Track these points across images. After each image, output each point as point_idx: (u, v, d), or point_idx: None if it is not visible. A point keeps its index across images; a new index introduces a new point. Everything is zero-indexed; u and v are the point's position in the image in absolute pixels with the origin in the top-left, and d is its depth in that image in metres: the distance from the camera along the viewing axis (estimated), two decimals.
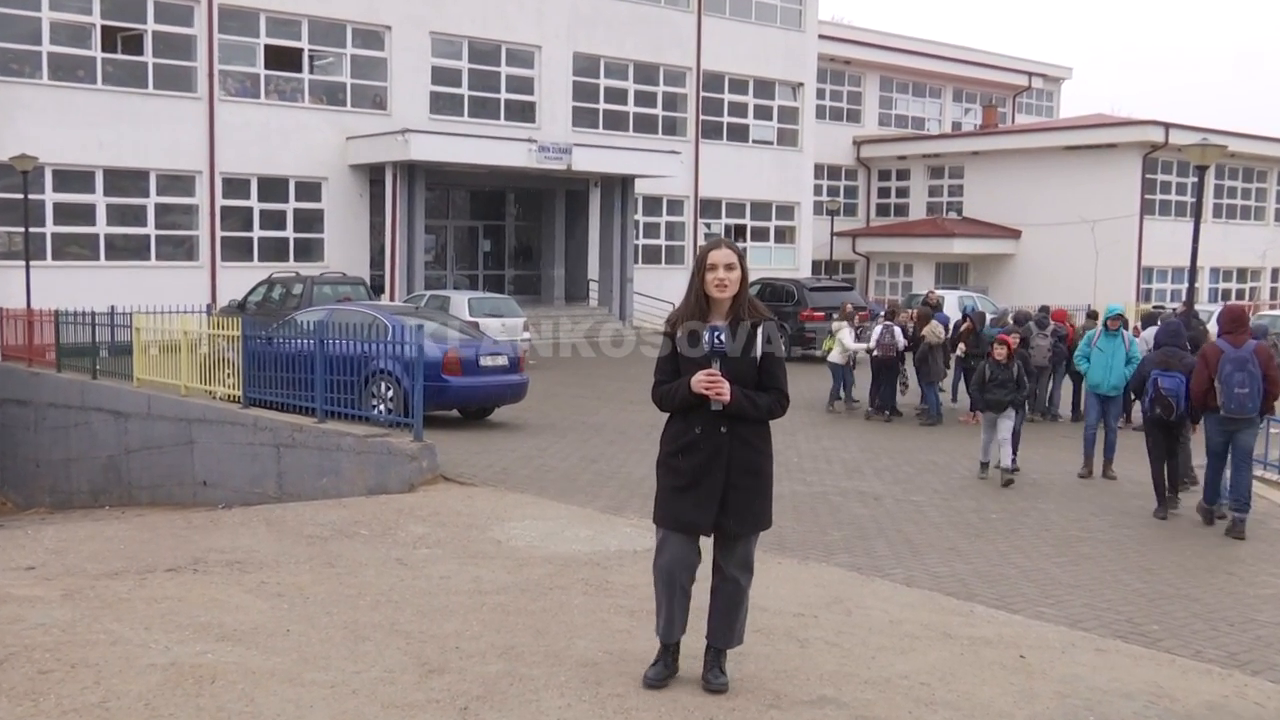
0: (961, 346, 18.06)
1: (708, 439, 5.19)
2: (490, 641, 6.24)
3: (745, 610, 5.44)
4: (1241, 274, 44.97)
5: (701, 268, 5.22)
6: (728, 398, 5.11)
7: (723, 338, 5.11)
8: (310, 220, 29.69)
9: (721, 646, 5.46)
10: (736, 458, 5.22)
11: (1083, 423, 16.04)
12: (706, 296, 5.22)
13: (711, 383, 5.10)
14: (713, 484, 5.20)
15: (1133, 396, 12.91)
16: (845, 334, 18.51)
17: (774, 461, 5.41)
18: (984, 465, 13.08)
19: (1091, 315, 19.98)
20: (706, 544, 5.40)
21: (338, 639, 6.23)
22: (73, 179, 26.25)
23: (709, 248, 5.26)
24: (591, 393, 19.96)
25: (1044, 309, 21.77)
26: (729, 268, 5.19)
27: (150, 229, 27.37)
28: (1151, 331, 16.72)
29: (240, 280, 26.79)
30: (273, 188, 28.96)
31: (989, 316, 21.12)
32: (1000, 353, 12.94)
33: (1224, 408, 10.12)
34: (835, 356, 18.55)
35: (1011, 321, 18.54)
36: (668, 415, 5.38)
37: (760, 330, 5.23)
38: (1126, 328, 13.94)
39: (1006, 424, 12.69)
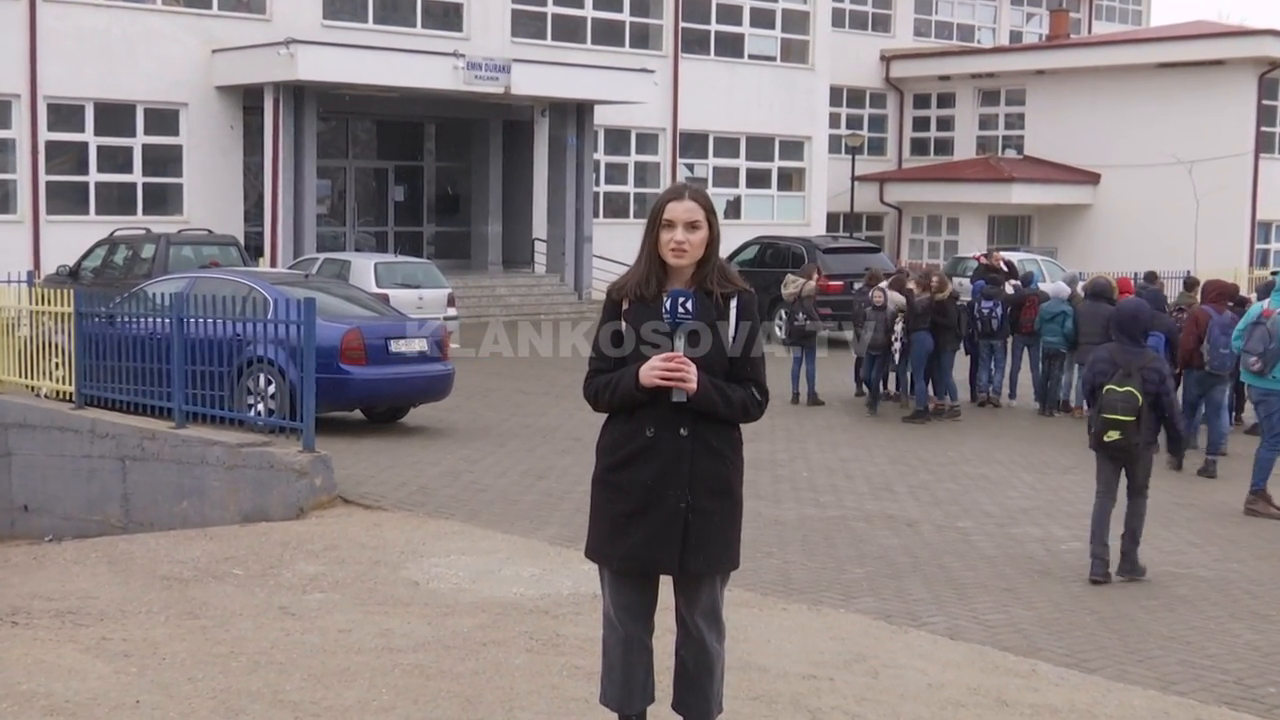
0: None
1: (663, 445, 5.13)
2: (404, 715, 6.23)
3: (720, 672, 5.40)
4: None
5: (655, 224, 5.17)
6: (693, 386, 5.05)
7: (689, 305, 5.05)
8: (165, 160, 29.48)
9: None
10: (701, 471, 5.16)
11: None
12: (662, 260, 5.18)
13: (672, 369, 5.04)
14: (670, 507, 5.14)
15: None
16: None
17: (745, 478, 5.37)
18: None
19: (1190, 285, 20.11)
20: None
21: (204, 712, 6.21)
22: None
23: (668, 197, 5.21)
24: (538, 387, 19.95)
25: (1150, 275, 21.93)
26: (691, 227, 5.13)
27: None
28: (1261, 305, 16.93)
29: (72, 239, 26.52)
30: (115, 116, 28.74)
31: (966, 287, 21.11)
32: None
33: (1209, 365, 14.84)
34: None
35: (1084, 294, 18.65)
36: (606, 416, 5.33)
37: (733, 306, 5.20)
38: None
39: None
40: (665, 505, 5.14)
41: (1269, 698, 7.28)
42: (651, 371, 5.04)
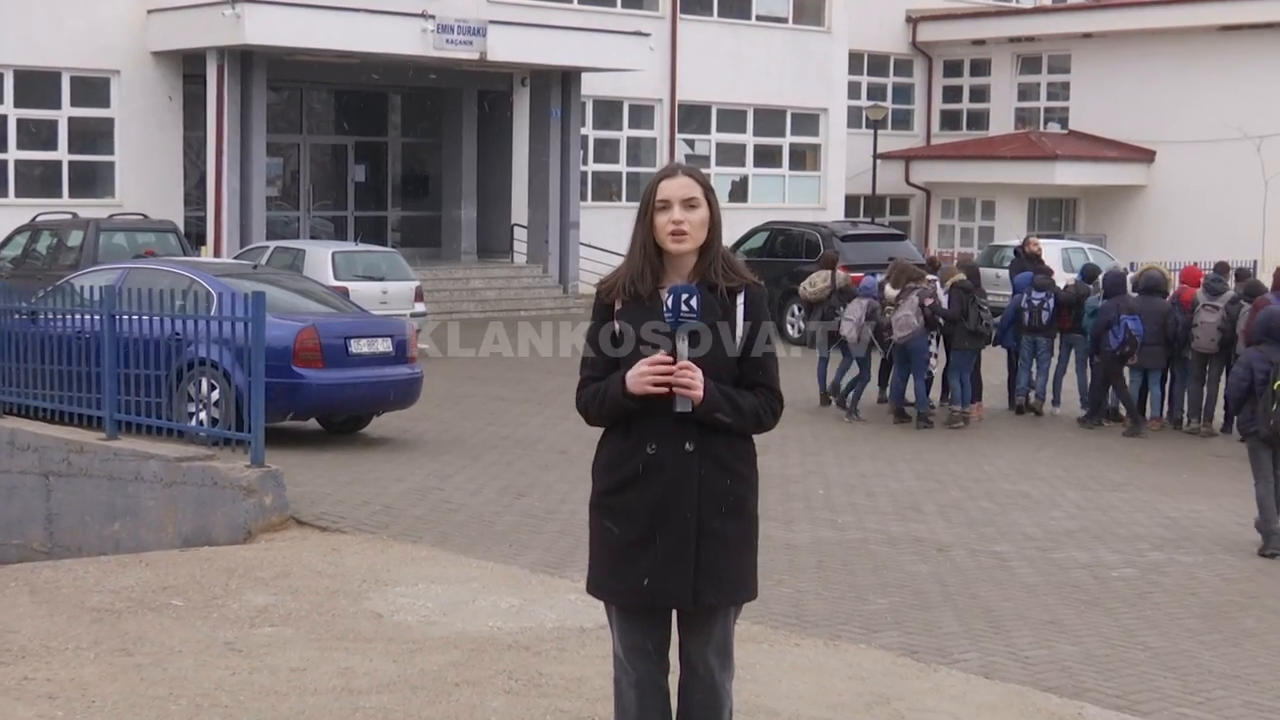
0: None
1: (667, 462, 5.13)
2: None
3: (729, 717, 5.41)
4: None
5: (649, 207, 5.20)
6: (699, 393, 5.06)
7: (693, 303, 5.05)
8: (94, 135, 29.46)
9: None
10: (710, 490, 5.17)
11: (1235, 434, 16.60)
12: (659, 250, 5.21)
13: (665, 372, 5.02)
14: (679, 532, 5.14)
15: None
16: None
17: (760, 496, 5.38)
18: None
19: (1240, 275, 20.17)
20: None
21: None
22: None
23: (659, 177, 5.25)
24: (517, 393, 19.96)
25: (1221, 266, 22.03)
26: (689, 204, 5.16)
27: None
28: None
29: None
30: (37, 86, 28.72)
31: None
32: None
33: None
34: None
35: (1136, 289, 18.63)
36: (602, 431, 5.33)
37: (740, 301, 5.22)
38: None
39: None
40: (672, 530, 5.14)
41: None
42: (641, 377, 5.04)
